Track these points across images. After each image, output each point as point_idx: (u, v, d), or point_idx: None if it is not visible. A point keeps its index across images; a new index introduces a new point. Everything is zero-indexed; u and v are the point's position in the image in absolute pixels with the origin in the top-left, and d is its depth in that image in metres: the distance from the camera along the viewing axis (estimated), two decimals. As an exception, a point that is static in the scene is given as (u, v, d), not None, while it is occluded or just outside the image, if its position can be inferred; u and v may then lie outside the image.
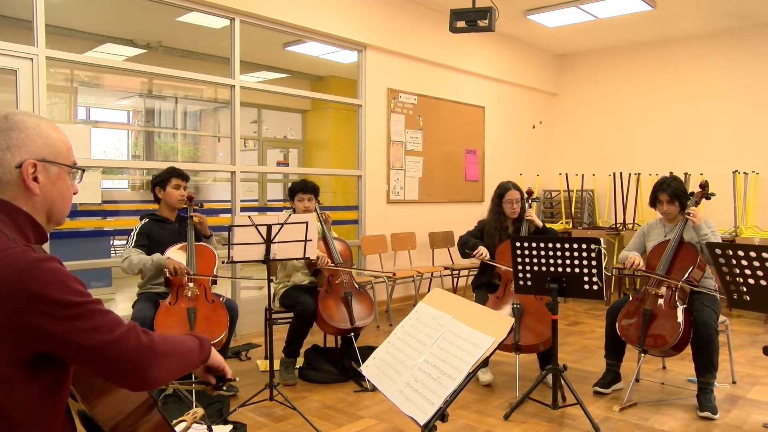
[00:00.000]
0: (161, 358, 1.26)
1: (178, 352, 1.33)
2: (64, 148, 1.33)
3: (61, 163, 1.32)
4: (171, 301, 3.55)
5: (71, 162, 1.35)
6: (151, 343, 1.24)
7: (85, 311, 1.17)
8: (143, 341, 1.23)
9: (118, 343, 1.19)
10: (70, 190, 1.36)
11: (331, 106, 8.90)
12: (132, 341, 1.21)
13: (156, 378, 1.24)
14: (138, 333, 1.23)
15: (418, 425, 1.58)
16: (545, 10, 6.76)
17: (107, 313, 1.22)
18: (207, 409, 3.36)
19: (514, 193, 4.19)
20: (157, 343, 1.26)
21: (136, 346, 1.21)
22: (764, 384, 3.98)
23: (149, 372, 1.23)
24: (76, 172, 1.37)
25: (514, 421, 3.37)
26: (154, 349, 1.24)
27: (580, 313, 6.47)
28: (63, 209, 1.35)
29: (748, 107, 7.35)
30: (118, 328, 1.20)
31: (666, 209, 3.79)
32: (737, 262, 2.49)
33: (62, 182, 1.33)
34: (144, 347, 1.23)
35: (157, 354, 1.25)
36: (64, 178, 1.33)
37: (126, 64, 6.10)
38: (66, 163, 1.33)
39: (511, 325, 1.64)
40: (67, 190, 1.35)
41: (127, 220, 7.08)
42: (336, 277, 4.19)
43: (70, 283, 1.17)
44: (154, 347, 1.25)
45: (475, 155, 7.77)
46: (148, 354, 1.23)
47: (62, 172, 1.33)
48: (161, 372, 1.25)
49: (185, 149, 10.54)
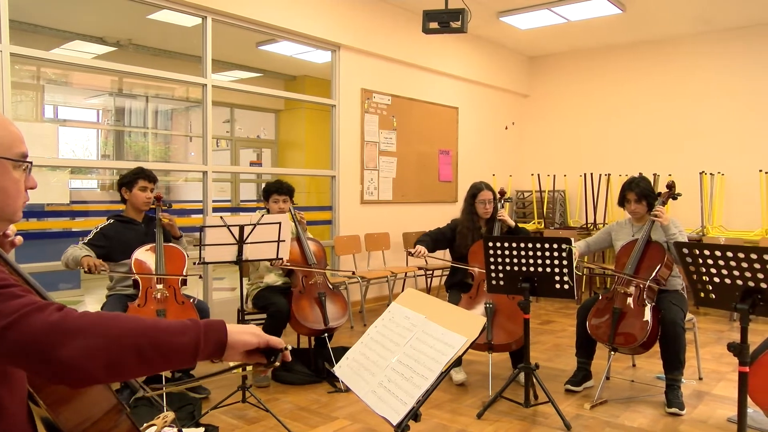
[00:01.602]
0: (79, 334, 1.03)
1: (122, 327, 1.08)
2: (6, 141, 1.22)
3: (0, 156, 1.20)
4: (140, 303, 3.50)
5: (15, 154, 1.23)
6: (62, 319, 1.04)
7: None
8: (51, 318, 1.03)
9: (16, 325, 1.02)
10: (17, 184, 1.25)
11: (305, 106, 8.87)
12: (36, 321, 1.03)
13: (71, 359, 1.02)
14: (48, 311, 1.04)
15: (390, 425, 1.58)
16: (517, 12, 6.83)
17: (15, 297, 1.05)
18: (179, 412, 3.32)
19: (486, 193, 4.22)
20: (75, 317, 1.05)
21: (40, 325, 1.02)
22: (729, 380, 4.08)
23: (57, 353, 1.01)
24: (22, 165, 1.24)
25: (487, 419, 3.40)
26: (68, 325, 1.04)
27: (551, 312, 6.54)
28: (6, 205, 1.23)
29: (714, 110, 7.52)
30: (19, 311, 1.03)
31: (634, 208, 3.86)
32: (703, 261, 2.54)
33: (4, 176, 1.22)
34: (51, 324, 1.03)
35: (71, 330, 1.03)
36: (7, 171, 1.22)
37: (95, 62, 5.99)
38: (5, 155, 1.21)
39: (483, 325, 1.65)
40: (13, 184, 1.24)
41: (96, 220, 6.94)
42: (310, 278, 4.17)
43: None
44: (68, 323, 1.04)
45: (448, 156, 7.81)
46: (57, 331, 1.03)
47: (4, 165, 1.22)
48: (77, 351, 1.02)
49: (156, 149, 10.40)
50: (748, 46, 7.27)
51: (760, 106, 7.20)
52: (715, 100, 7.51)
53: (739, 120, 7.34)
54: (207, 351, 1.17)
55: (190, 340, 1.14)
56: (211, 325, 1.19)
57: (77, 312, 1.07)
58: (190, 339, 1.15)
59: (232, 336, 1.21)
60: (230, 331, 1.20)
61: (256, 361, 1.28)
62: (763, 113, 7.18)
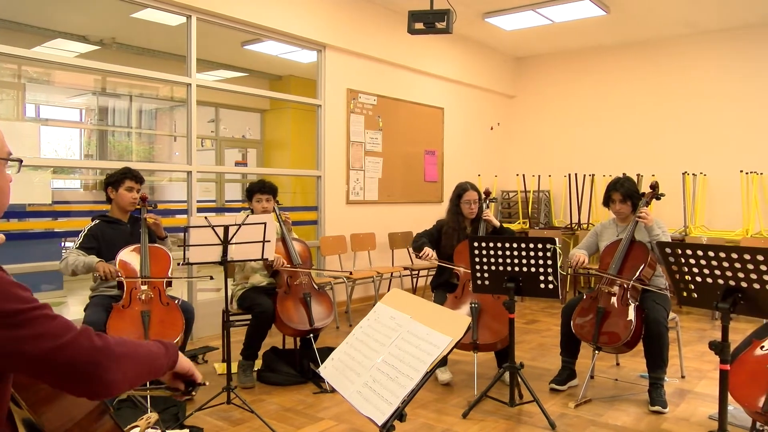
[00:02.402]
0: (118, 361, 1.18)
1: (138, 355, 1.26)
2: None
3: None
4: (124, 305, 3.46)
5: (5, 154, 1.27)
6: (106, 346, 1.17)
7: (30, 318, 1.10)
8: (96, 344, 1.15)
9: (68, 348, 1.11)
10: (8, 183, 1.29)
11: (290, 105, 8.84)
12: (84, 345, 1.14)
13: (113, 383, 1.17)
14: (91, 336, 1.16)
15: (376, 425, 1.58)
16: (502, 13, 6.86)
17: (55, 318, 1.14)
18: (163, 413, 3.29)
19: (471, 193, 4.24)
20: (113, 345, 1.18)
21: (88, 349, 1.14)
22: (711, 378, 4.12)
23: (105, 376, 1.15)
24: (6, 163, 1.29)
25: (472, 419, 3.41)
26: (110, 352, 1.17)
27: (536, 312, 6.58)
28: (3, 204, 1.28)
29: (696, 112, 7.60)
30: (67, 333, 1.13)
31: (618, 208, 3.90)
32: (686, 261, 2.56)
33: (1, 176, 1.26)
34: (98, 350, 1.15)
35: (113, 357, 1.17)
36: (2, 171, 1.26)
37: (78, 60, 5.92)
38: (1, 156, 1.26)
39: (467, 325, 1.66)
40: (6, 183, 1.28)
41: (78, 221, 6.88)
42: (295, 278, 4.16)
43: (11, 290, 1.10)
44: (110, 350, 1.17)
45: (434, 156, 7.82)
46: (103, 357, 1.15)
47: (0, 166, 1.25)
48: (119, 376, 1.17)
49: (140, 148, 10.31)
50: (730, 48, 7.36)
51: (741, 107, 7.29)
52: (697, 101, 7.59)
53: (721, 121, 7.42)
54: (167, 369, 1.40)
55: (165, 362, 1.37)
56: (169, 347, 1.40)
57: (111, 338, 1.21)
58: (165, 361, 1.37)
59: (180, 358, 1.43)
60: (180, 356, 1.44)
61: (178, 386, 1.48)
62: (743, 114, 7.27)
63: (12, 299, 1.10)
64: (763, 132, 7.15)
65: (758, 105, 7.18)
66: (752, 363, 2.70)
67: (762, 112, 7.16)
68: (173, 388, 1.48)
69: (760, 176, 7.09)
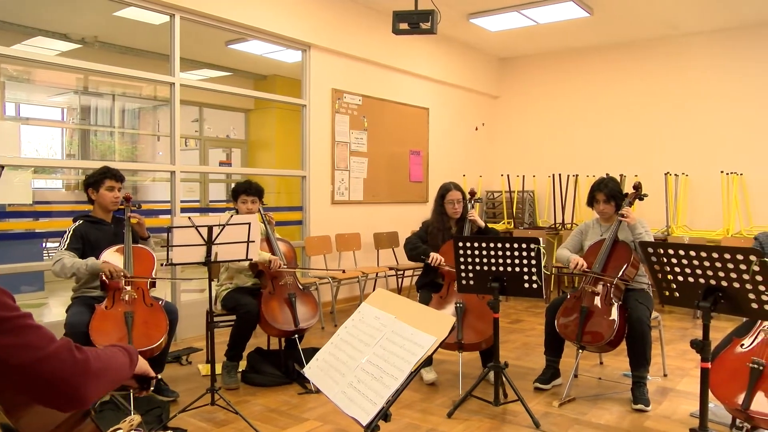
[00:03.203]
0: (95, 375, 1.19)
1: (111, 368, 1.28)
2: None
3: None
4: (107, 305, 3.43)
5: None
6: (86, 360, 1.17)
7: (15, 326, 1.09)
8: (78, 358, 1.16)
9: (50, 360, 1.11)
10: None
11: (275, 105, 8.81)
12: (65, 358, 1.13)
13: (89, 396, 1.17)
14: (71, 349, 1.16)
15: (360, 426, 1.58)
16: (487, 14, 6.88)
17: (39, 328, 1.13)
18: (146, 415, 3.26)
19: (455, 193, 4.24)
20: (92, 360, 1.19)
21: (70, 363, 1.14)
22: (692, 376, 4.17)
23: (82, 390, 1.15)
24: None
25: (457, 418, 3.42)
26: (89, 367, 1.17)
27: (521, 311, 6.61)
28: None
29: (678, 113, 7.69)
30: (49, 345, 1.12)
31: (602, 208, 3.93)
32: (668, 260, 2.59)
33: None
34: (78, 364, 1.15)
35: (92, 372, 1.18)
36: None
37: (59, 59, 5.85)
38: None
39: (452, 324, 1.66)
40: None
41: (60, 221, 6.80)
42: (280, 279, 4.14)
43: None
44: (89, 364, 1.17)
45: (419, 156, 7.84)
46: (83, 372, 1.16)
47: None
48: (93, 390, 1.18)
49: (123, 148, 10.22)
50: (711, 50, 7.45)
51: (722, 109, 7.38)
52: (679, 102, 7.68)
53: (702, 122, 7.52)
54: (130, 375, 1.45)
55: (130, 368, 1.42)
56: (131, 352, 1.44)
57: (89, 351, 1.22)
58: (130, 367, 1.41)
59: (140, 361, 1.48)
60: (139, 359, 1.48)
61: (133, 384, 1.53)
62: (724, 116, 7.37)
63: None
64: (742, 133, 7.25)
65: (738, 107, 7.28)
66: (732, 361, 2.74)
67: (742, 114, 7.26)
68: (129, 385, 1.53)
69: (740, 177, 7.19)
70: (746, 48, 7.23)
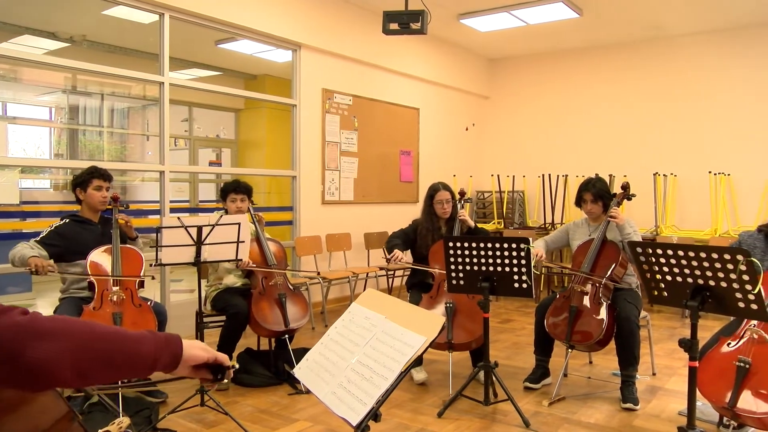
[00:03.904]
0: (46, 338, 1.00)
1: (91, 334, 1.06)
2: None
3: None
4: (95, 306, 3.41)
5: None
6: (31, 320, 1.00)
7: None
8: (18, 320, 0.99)
9: None
10: None
11: (265, 105, 8.78)
12: (2, 323, 0.98)
13: (37, 362, 0.98)
14: (13, 313, 1.00)
15: (350, 426, 1.58)
16: (477, 14, 6.90)
17: None
18: (135, 417, 3.24)
19: (444, 193, 4.25)
20: (40, 320, 1.01)
21: (10, 325, 0.98)
22: (681, 374, 4.20)
23: (25, 352, 0.97)
24: None
25: (447, 418, 3.42)
26: (34, 327, 0.99)
27: (511, 311, 6.63)
28: None
29: (666, 114, 7.74)
30: None
31: (590, 208, 3.95)
32: (656, 260, 2.60)
33: None
34: (20, 325, 0.98)
35: (39, 332, 0.99)
36: None
37: (47, 57, 5.81)
38: None
39: (442, 324, 1.66)
40: None
41: (48, 221, 6.76)
42: (270, 279, 4.13)
43: None
44: (35, 325, 0.99)
45: (409, 156, 7.84)
46: (25, 332, 0.98)
47: None
48: (47, 354, 0.99)
49: (112, 148, 10.14)
50: (699, 52, 7.51)
51: (710, 109, 7.44)
52: (667, 103, 7.73)
53: (691, 123, 7.57)
54: (163, 363, 1.19)
55: (150, 351, 1.15)
56: (169, 338, 1.20)
57: (45, 315, 1.03)
58: (150, 349, 1.15)
59: (187, 350, 1.22)
60: (185, 344, 1.22)
61: (203, 376, 1.29)
62: (712, 117, 7.43)
63: None
64: (730, 134, 7.31)
65: (726, 107, 7.34)
66: (720, 360, 2.76)
67: (729, 115, 7.32)
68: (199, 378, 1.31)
69: (728, 177, 7.24)
70: (733, 50, 7.29)
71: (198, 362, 1.25)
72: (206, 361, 1.27)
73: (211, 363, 1.28)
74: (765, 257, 3.06)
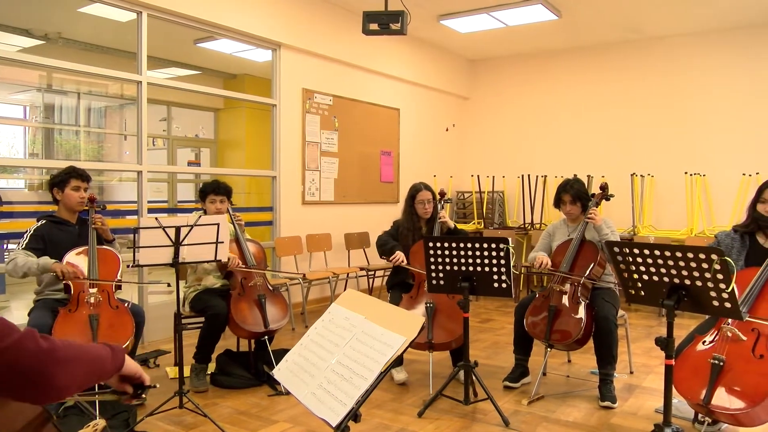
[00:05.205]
0: (65, 364, 1.14)
1: (85, 358, 1.23)
2: None
3: None
4: (71, 308, 3.35)
5: None
6: (52, 348, 1.13)
7: None
8: (43, 346, 1.12)
9: (11, 351, 1.08)
10: None
11: (245, 105, 8.72)
12: (29, 348, 1.10)
13: (59, 388, 1.13)
14: (36, 338, 1.12)
15: (330, 427, 1.57)
16: (457, 15, 6.93)
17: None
18: (112, 419, 3.20)
19: (425, 193, 4.26)
20: (59, 348, 1.14)
21: (35, 352, 1.10)
22: (657, 373, 4.26)
23: (51, 381, 1.12)
24: None
25: (427, 418, 3.43)
26: (57, 355, 1.13)
27: (491, 311, 6.67)
28: None
29: (643, 115, 7.85)
30: (10, 335, 1.09)
31: (568, 209, 3.98)
32: (633, 260, 2.64)
33: None
34: (44, 353, 1.11)
35: (60, 360, 1.13)
36: None
37: (21, 55, 5.71)
38: None
39: (421, 324, 1.66)
40: None
41: (23, 222, 6.63)
42: (249, 280, 4.10)
43: None
44: (57, 353, 1.13)
45: (390, 156, 7.85)
46: (50, 360, 1.12)
47: None
48: (65, 381, 1.14)
49: (89, 147, 9.99)
50: (675, 54, 7.62)
51: (686, 111, 7.56)
52: (644, 105, 7.83)
53: (667, 125, 7.68)
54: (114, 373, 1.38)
55: (111, 365, 1.34)
56: (115, 350, 1.36)
57: (57, 340, 1.16)
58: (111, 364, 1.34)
59: (127, 362, 1.40)
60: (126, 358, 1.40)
61: (124, 389, 1.45)
62: (688, 118, 7.54)
63: None
64: (705, 135, 7.43)
65: (701, 109, 7.46)
66: (695, 357, 2.80)
67: (705, 116, 7.44)
68: (121, 392, 1.45)
69: (703, 178, 7.36)
70: (709, 52, 7.41)
71: (131, 373, 1.42)
72: (136, 373, 1.43)
73: (136, 379, 1.45)
74: (740, 257, 3.11)
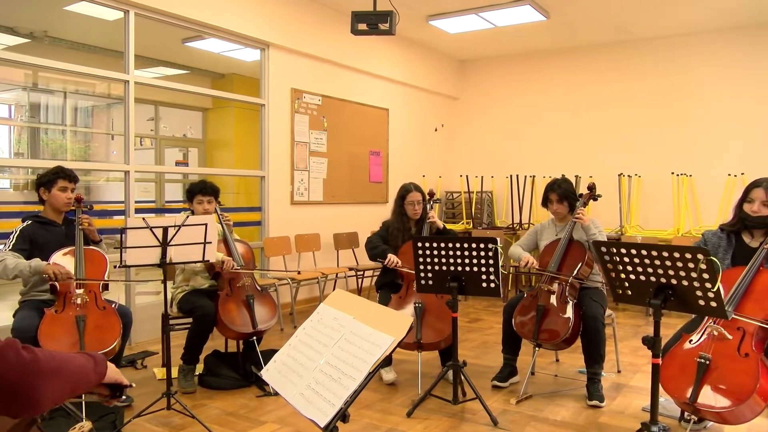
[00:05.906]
0: (48, 376, 1.13)
1: (67, 370, 1.20)
2: None
3: None
4: (57, 309, 3.32)
5: None
6: (34, 360, 1.11)
7: None
8: (25, 358, 1.10)
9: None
10: None
11: (234, 104, 8.68)
12: (10, 359, 1.08)
13: (40, 401, 1.11)
14: (18, 349, 1.10)
15: (318, 427, 1.57)
16: (446, 16, 6.94)
17: None
18: (99, 421, 3.18)
19: (415, 194, 4.27)
20: (42, 360, 1.13)
21: (16, 364, 1.08)
22: (644, 372, 4.29)
23: (31, 394, 1.09)
24: None
25: (416, 418, 3.43)
26: (39, 367, 1.11)
27: (479, 311, 6.68)
28: None
29: (631, 116, 7.90)
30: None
31: (556, 209, 4.00)
32: (620, 260, 2.65)
33: None
34: (26, 365, 1.09)
35: (42, 372, 1.12)
36: None
37: (5, 53, 5.64)
38: None
39: (409, 324, 1.67)
40: None
41: (8, 222, 6.57)
42: (237, 280, 4.08)
43: None
44: (39, 364, 1.11)
45: (379, 157, 7.85)
46: (32, 373, 1.10)
47: None
48: (46, 393, 1.12)
49: (75, 147, 9.91)
50: (662, 55, 7.68)
51: (672, 112, 7.61)
52: (631, 106, 7.88)
53: (654, 125, 7.74)
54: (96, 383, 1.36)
55: (94, 376, 1.33)
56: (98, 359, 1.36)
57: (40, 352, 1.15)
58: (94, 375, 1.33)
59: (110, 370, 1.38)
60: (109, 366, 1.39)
61: (100, 392, 1.42)
62: (674, 119, 7.60)
63: None
64: (691, 136, 7.49)
65: (687, 110, 7.52)
66: (681, 356, 2.82)
67: (690, 117, 7.50)
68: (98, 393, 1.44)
69: (689, 178, 7.42)
70: (696, 53, 7.47)
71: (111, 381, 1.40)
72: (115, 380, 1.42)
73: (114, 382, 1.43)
74: (727, 256, 3.14)
